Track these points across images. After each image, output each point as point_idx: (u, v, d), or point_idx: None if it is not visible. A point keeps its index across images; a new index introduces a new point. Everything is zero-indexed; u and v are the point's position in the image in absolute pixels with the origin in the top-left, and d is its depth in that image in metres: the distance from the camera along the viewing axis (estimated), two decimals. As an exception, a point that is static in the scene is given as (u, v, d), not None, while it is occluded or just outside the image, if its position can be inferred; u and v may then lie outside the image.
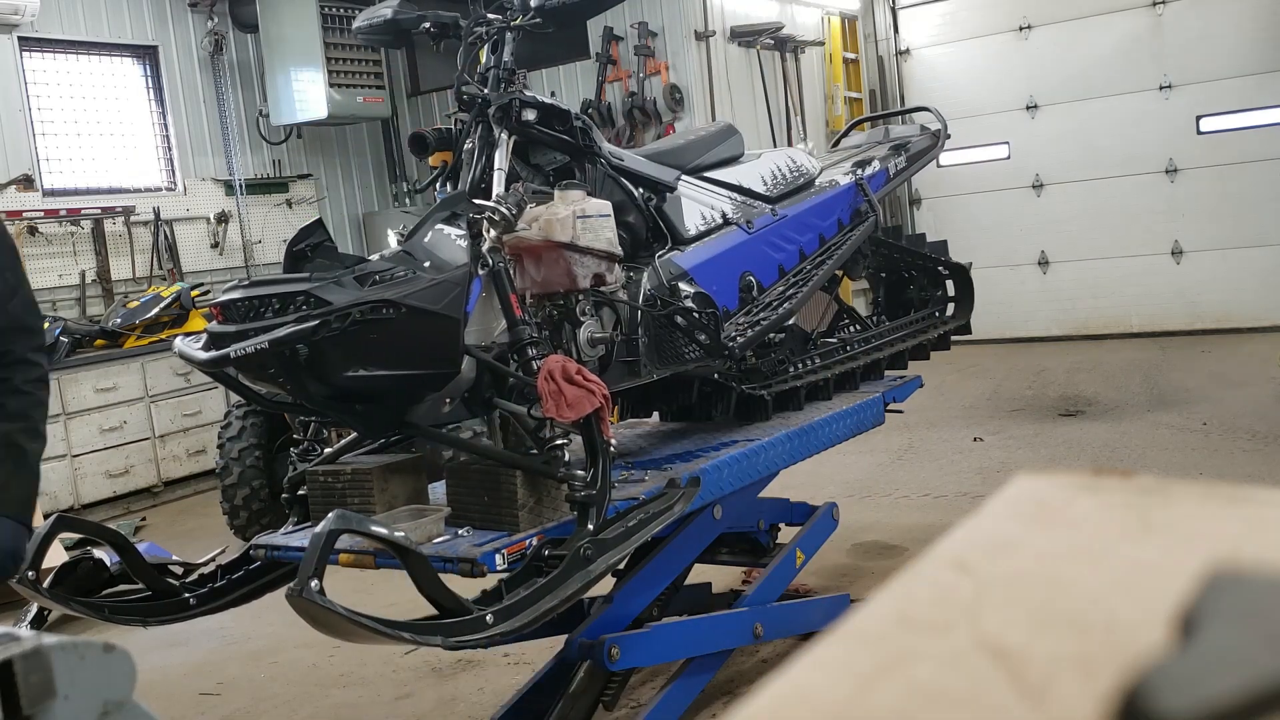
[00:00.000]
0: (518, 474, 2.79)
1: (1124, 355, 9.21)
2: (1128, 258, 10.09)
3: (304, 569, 2.27)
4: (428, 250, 2.68)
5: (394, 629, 2.40)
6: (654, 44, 8.78)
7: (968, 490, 5.72)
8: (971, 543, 0.60)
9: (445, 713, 3.84)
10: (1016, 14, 10.34)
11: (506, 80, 3.06)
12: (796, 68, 9.93)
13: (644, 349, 3.19)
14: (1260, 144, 9.47)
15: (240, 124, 9.20)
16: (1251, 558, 0.53)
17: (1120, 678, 0.42)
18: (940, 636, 0.50)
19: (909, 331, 4.51)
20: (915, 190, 10.87)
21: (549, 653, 3.50)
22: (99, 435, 7.28)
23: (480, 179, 3.00)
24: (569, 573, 2.64)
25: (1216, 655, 0.41)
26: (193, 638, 4.67)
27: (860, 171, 4.18)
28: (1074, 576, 0.54)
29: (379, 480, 2.95)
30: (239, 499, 3.85)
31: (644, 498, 3.00)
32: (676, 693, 3.31)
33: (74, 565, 3.01)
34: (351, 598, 2.96)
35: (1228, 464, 5.73)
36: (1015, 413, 7.54)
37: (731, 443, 3.53)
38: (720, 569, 4.12)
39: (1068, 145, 10.18)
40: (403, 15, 3.27)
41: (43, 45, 8.05)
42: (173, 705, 4.06)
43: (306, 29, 8.81)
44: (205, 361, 2.56)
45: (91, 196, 8.20)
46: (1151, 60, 9.80)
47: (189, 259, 8.69)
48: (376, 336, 2.48)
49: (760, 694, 0.48)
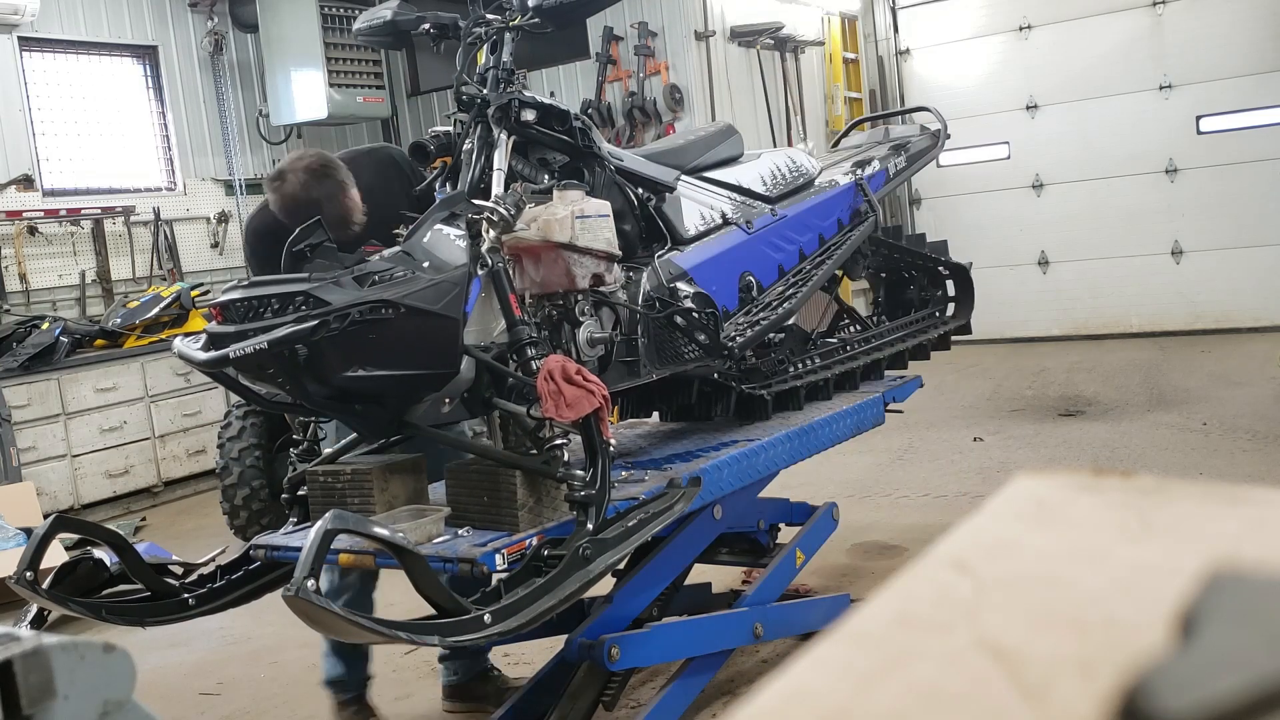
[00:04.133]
0: (517, 474, 2.79)
1: (1124, 355, 9.21)
2: (1128, 257, 10.09)
3: (300, 568, 2.27)
4: (427, 250, 2.68)
5: (391, 628, 2.40)
6: (654, 44, 8.78)
7: (968, 490, 5.72)
8: (971, 543, 0.60)
9: (445, 712, 3.84)
10: (1016, 14, 10.34)
11: (505, 80, 3.06)
12: (796, 68, 9.93)
13: (643, 349, 3.19)
14: (1260, 144, 9.47)
15: (240, 124, 9.21)
16: (1251, 558, 0.53)
17: (1120, 678, 0.42)
18: (940, 636, 0.50)
19: (909, 331, 4.51)
20: (915, 190, 10.87)
21: (549, 653, 3.50)
22: (99, 435, 7.28)
23: (479, 179, 3.00)
24: (568, 573, 2.64)
25: (1216, 655, 0.41)
26: (193, 638, 4.66)
27: (860, 171, 4.18)
28: (1074, 576, 0.54)
29: (379, 480, 2.94)
30: (239, 499, 3.84)
31: (644, 498, 3.00)
32: (676, 693, 3.31)
33: (73, 565, 3.01)
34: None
35: (1228, 464, 5.73)
36: (1015, 413, 7.54)
37: (731, 443, 3.53)
38: (720, 569, 4.11)
39: (1068, 145, 10.18)
40: (402, 17, 3.27)
41: (43, 45, 8.05)
42: (173, 705, 4.06)
43: (306, 29, 8.81)
44: (204, 362, 2.56)
45: (91, 196, 8.20)
46: (1151, 60, 9.80)
47: (189, 259, 8.69)
48: (375, 337, 2.48)
49: (760, 694, 0.48)
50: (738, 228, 3.67)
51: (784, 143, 9.45)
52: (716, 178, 3.74)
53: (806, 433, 3.69)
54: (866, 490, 5.95)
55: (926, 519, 5.31)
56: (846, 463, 6.13)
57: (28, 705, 0.77)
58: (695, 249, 3.51)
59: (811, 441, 3.71)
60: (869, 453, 6.48)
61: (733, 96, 9.13)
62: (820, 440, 3.76)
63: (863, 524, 5.22)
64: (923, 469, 6.28)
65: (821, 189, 4.04)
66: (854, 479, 6.11)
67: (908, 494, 5.82)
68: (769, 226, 3.76)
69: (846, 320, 4.50)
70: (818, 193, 4.01)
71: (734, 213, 3.70)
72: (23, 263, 7.65)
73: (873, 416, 4.04)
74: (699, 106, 8.76)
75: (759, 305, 3.61)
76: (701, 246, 3.54)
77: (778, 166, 3.97)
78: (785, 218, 3.83)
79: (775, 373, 3.85)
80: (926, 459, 6.49)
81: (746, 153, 3.99)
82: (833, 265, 3.88)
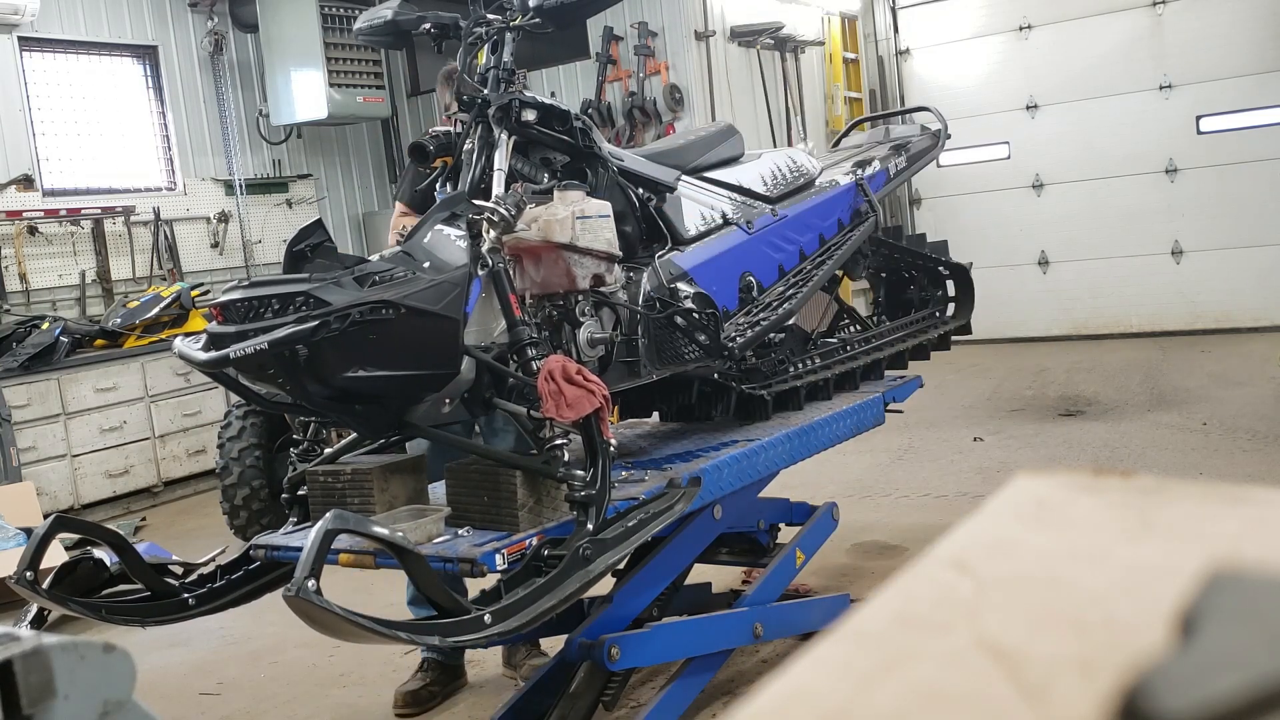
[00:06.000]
0: (517, 474, 2.79)
1: (1124, 355, 9.21)
2: (1127, 257, 10.09)
3: (301, 568, 2.27)
4: (427, 251, 2.68)
5: (391, 628, 2.40)
6: (654, 44, 8.78)
7: (968, 490, 5.72)
8: (971, 543, 0.60)
9: (445, 713, 3.84)
10: (1016, 14, 10.34)
11: (506, 81, 3.06)
12: (796, 68, 9.93)
13: (644, 349, 3.19)
14: (1260, 144, 9.47)
15: (240, 124, 9.21)
16: (1251, 558, 0.53)
17: (1120, 678, 0.42)
18: (940, 636, 0.50)
19: (909, 331, 4.51)
20: (915, 190, 10.87)
21: (549, 653, 3.50)
22: (99, 435, 7.28)
23: (480, 179, 3.00)
24: (568, 572, 2.64)
25: (1216, 655, 0.41)
26: (193, 638, 4.67)
27: (860, 171, 4.18)
28: (1074, 576, 0.54)
29: (379, 480, 2.94)
30: (239, 499, 3.84)
31: (644, 498, 3.00)
32: (676, 693, 3.31)
33: (73, 565, 3.01)
34: (352, 597, 2.97)
35: (1228, 464, 5.73)
36: (1015, 413, 7.54)
37: (731, 443, 3.53)
38: (720, 569, 4.11)
39: (1068, 145, 10.18)
40: (403, 17, 3.27)
41: (43, 45, 8.05)
42: (173, 705, 4.06)
43: (306, 29, 8.81)
44: (204, 362, 2.56)
45: (91, 196, 8.20)
46: (1151, 60, 9.80)
47: (189, 259, 8.69)
48: (376, 337, 2.48)
49: (760, 694, 0.48)
50: (738, 228, 3.67)
51: (784, 143, 9.45)
52: (717, 178, 3.74)
53: (806, 433, 3.69)
54: (866, 490, 5.95)
55: (926, 519, 5.31)
56: (846, 463, 6.13)
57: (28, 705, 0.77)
58: (695, 249, 3.51)
59: (811, 441, 3.71)
60: (869, 453, 6.48)
61: (733, 96, 9.13)
62: (820, 440, 3.76)
63: (863, 524, 5.22)
64: (923, 469, 6.28)
65: (822, 189, 4.04)
66: (854, 479, 6.11)
67: (908, 494, 5.82)
68: (769, 227, 3.76)
69: (846, 320, 4.50)
70: (818, 193, 4.01)
71: (734, 213, 3.70)
72: (23, 263, 7.65)
73: (873, 416, 4.04)
74: (699, 106, 8.76)
75: (759, 305, 3.60)
76: (702, 247, 3.54)
77: (778, 166, 3.97)
78: (785, 218, 3.83)
79: (775, 373, 3.85)
80: (926, 459, 6.49)
81: (747, 153, 3.99)
82: (833, 265, 3.87)
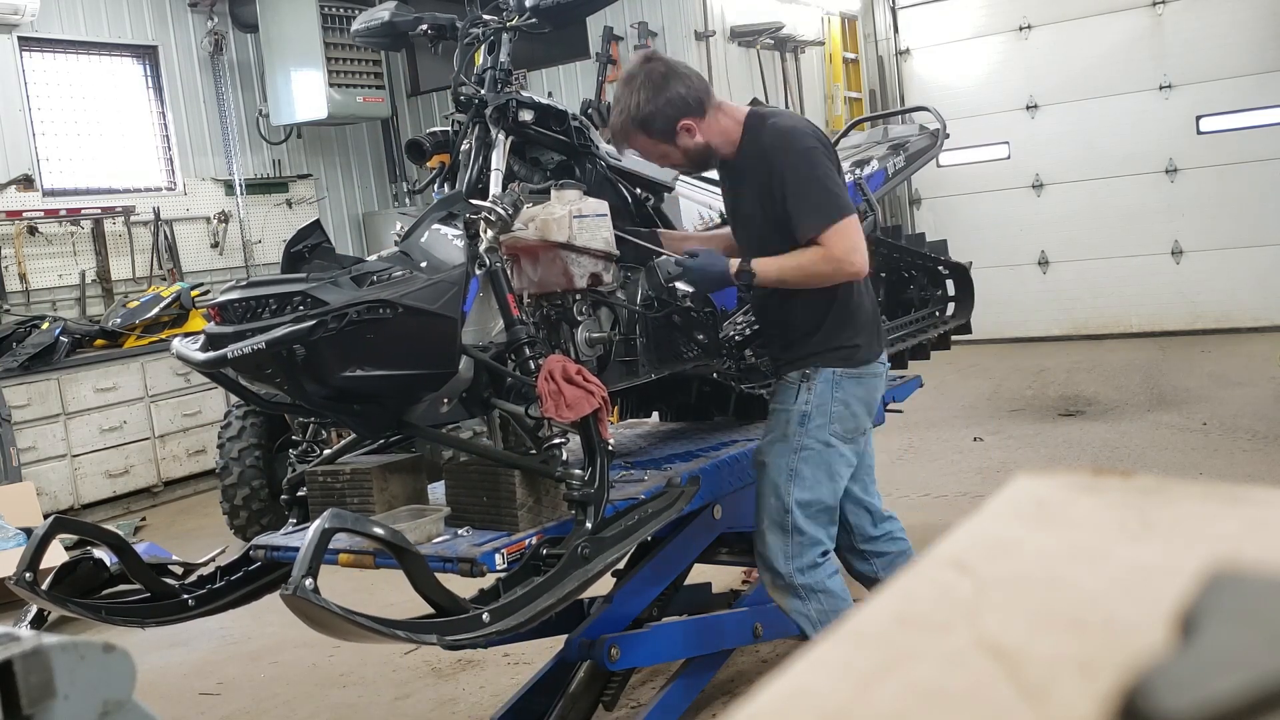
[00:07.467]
0: (516, 474, 2.79)
1: (1124, 355, 9.21)
2: (1127, 258, 10.09)
3: (299, 567, 2.27)
4: (424, 250, 2.67)
5: (389, 627, 2.40)
6: (654, 44, 8.77)
7: (968, 490, 5.72)
8: (971, 543, 0.60)
9: (445, 713, 3.84)
10: (1016, 14, 10.34)
11: (503, 81, 3.06)
12: (796, 68, 9.93)
13: (642, 349, 3.19)
14: (1260, 144, 9.46)
15: (240, 124, 9.20)
16: (1251, 558, 0.53)
17: (1120, 678, 0.42)
18: (940, 636, 0.50)
19: (909, 331, 4.51)
20: (915, 190, 10.87)
21: (549, 652, 3.50)
22: (99, 435, 7.28)
23: (477, 179, 3.00)
24: (566, 571, 2.63)
25: (1216, 655, 0.41)
26: (193, 638, 4.67)
27: (859, 171, 4.17)
28: (1074, 576, 0.54)
29: (378, 480, 2.94)
30: (239, 499, 3.85)
31: (643, 497, 3.00)
32: (676, 693, 3.31)
33: (73, 566, 3.01)
34: (351, 597, 2.96)
35: (1228, 464, 5.73)
36: (1015, 413, 7.54)
37: (731, 442, 3.53)
38: (720, 569, 4.11)
39: (1068, 145, 10.17)
40: (400, 18, 3.26)
41: (43, 45, 8.05)
42: (173, 705, 4.06)
43: (306, 29, 8.81)
44: (202, 362, 2.56)
45: (91, 196, 8.19)
46: (1151, 60, 9.80)
47: (189, 259, 8.69)
48: (373, 336, 2.48)
49: (760, 694, 0.48)
50: (737, 227, 3.66)
51: (784, 143, 9.43)
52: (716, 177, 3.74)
53: (806, 433, 3.68)
54: (866, 490, 5.94)
55: (926, 519, 5.30)
56: (846, 463, 6.12)
57: (28, 705, 0.77)
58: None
59: (811, 441, 3.70)
60: (869, 453, 6.47)
61: (733, 96, 9.12)
62: (820, 440, 3.75)
63: (862, 524, 5.21)
64: (923, 469, 6.28)
65: (821, 189, 4.03)
66: (854, 479, 6.10)
67: (908, 494, 5.82)
68: (769, 226, 3.75)
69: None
70: (817, 192, 4.00)
71: (733, 212, 3.69)
72: (23, 263, 7.65)
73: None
74: (699, 106, 8.74)
75: (759, 305, 3.60)
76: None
77: (777, 166, 3.96)
78: (785, 217, 3.82)
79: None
80: (926, 459, 6.49)
81: (746, 152, 3.98)
82: (832, 265, 3.86)
